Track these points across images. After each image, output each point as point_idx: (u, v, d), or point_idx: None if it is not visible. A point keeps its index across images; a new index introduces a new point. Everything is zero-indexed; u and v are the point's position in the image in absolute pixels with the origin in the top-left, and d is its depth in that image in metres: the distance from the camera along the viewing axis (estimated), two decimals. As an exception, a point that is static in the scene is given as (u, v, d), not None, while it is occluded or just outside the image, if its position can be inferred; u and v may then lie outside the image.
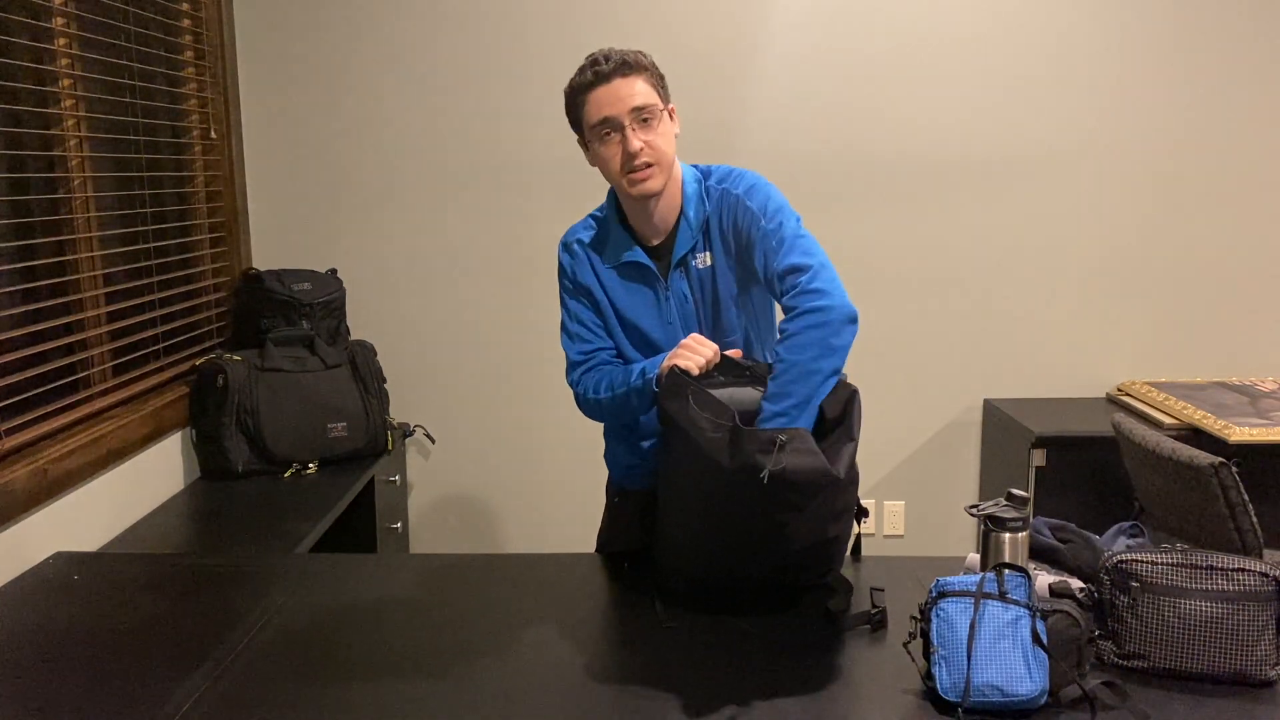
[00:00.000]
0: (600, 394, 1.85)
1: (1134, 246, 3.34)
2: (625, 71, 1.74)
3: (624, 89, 1.73)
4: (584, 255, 1.90)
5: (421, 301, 3.40)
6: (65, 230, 2.48)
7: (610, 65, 1.74)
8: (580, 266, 1.90)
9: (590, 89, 1.75)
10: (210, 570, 1.95)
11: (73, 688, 1.51)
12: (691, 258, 1.85)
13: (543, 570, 1.91)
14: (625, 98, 1.73)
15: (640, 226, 1.87)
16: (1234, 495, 2.22)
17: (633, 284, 1.88)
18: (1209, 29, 3.21)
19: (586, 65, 1.76)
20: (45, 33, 2.40)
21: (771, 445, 1.50)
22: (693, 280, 1.85)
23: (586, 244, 1.91)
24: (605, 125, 1.75)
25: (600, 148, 1.78)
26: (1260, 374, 3.38)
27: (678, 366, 1.69)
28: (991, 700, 1.36)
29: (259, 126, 3.31)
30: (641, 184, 1.77)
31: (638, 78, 1.75)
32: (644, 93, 1.75)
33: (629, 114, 1.73)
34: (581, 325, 1.90)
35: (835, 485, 1.54)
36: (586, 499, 3.50)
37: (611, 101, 1.73)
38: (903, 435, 3.47)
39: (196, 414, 2.86)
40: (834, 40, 3.23)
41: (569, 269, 1.91)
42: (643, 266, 1.86)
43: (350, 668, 1.54)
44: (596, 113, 1.75)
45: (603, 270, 1.89)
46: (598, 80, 1.74)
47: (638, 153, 1.74)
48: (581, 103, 1.77)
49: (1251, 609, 1.43)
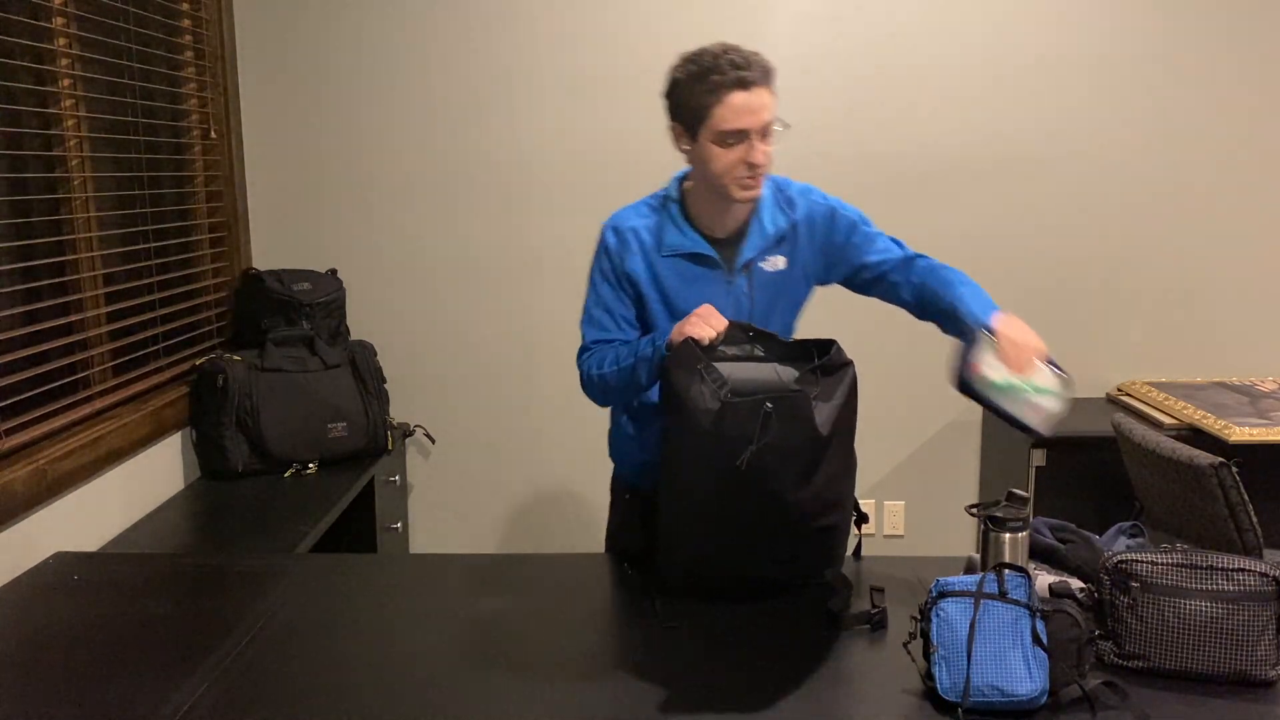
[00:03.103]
0: (604, 369, 1.83)
1: (1134, 247, 3.34)
2: (766, 81, 1.71)
3: (761, 99, 1.71)
4: (635, 243, 1.86)
5: (421, 301, 3.40)
6: (65, 230, 2.48)
7: (755, 72, 1.69)
8: (629, 254, 1.86)
9: (730, 91, 1.69)
10: (210, 570, 1.95)
11: (73, 688, 1.51)
12: (760, 259, 1.85)
13: (542, 570, 1.91)
14: (760, 109, 1.71)
15: (709, 219, 1.85)
16: (1234, 495, 2.21)
17: (692, 274, 1.85)
18: (1210, 30, 3.21)
19: (726, 64, 1.69)
20: (45, 33, 2.40)
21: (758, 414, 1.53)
22: (755, 281, 1.86)
23: (640, 231, 1.87)
24: (736, 135, 1.72)
25: (716, 148, 1.73)
26: (1260, 374, 3.38)
27: (691, 337, 1.67)
28: (991, 700, 1.36)
29: (259, 126, 3.31)
30: (751, 191, 1.77)
31: (769, 87, 1.72)
32: (773, 105, 1.73)
33: (760, 127, 1.72)
34: (606, 313, 1.88)
35: (823, 444, 1.58)
36: (587, 499, 3.51)
37: (750, 111, 1.70)
38: (903, 435, 3.47)
39: (196, 414, 2.86)
40: (833, 40, 3.22)
41: (615, 254, 1.87)
42: (706, 258, 1.84)
43: (350, 668, 1.54)
44: (732, 119, 1.70)
45: (658, 259, 1.85)
46: (741, 85, 1.69)
47: (760, 165, 1.74)
48: (712, 101, 1.70)
49: (1251, 609, 1.43)
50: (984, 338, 1.67)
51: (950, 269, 1.88)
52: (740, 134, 1.71)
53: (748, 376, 1.66)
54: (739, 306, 1.86)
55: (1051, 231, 3.33)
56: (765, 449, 1.53)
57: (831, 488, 1.64)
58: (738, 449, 1.53)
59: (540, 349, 3.40)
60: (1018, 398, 1.64)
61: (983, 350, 1.66)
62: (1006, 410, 1.64)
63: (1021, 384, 1.64)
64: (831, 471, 1.62)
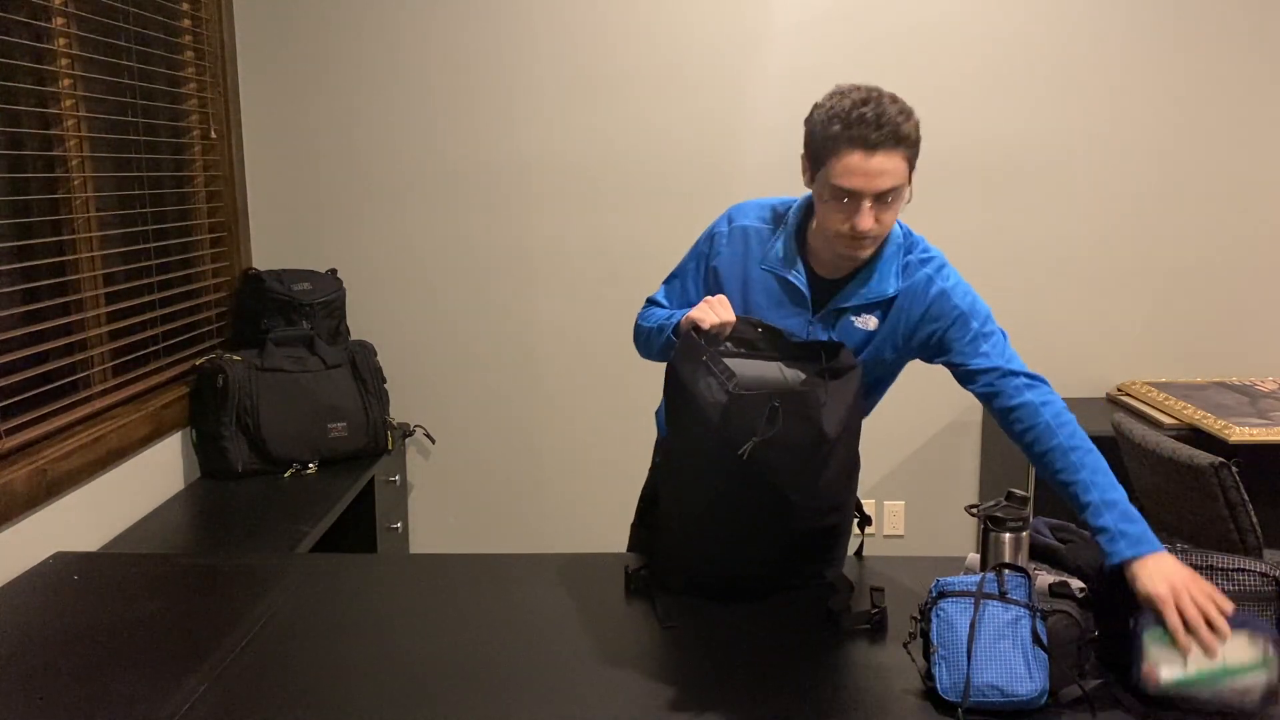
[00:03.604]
0: (646, 322, 1.85)
1: (1134, 246, 3.34)
2: (892, 146, 1.57)
3: (883, 165, 1.58)
4: (742, 243, 1.80)
5: (421, 301, 3.40)
6: (65, 230, 2.48)
7: (883, 134, 1.56)
8: (734, 251, 1.80)
9: (851, 147, 1.57)
10: (210, 570, 1.95)
11: (73, 687, 1.51)
12: (853, 314, 1.75)
13: (542, 570, 1.90)
14: (878, 175, 1.58)
15: (818, 255, 1.76)
16: (1234, 495, 2.21)
17: (778, 298, 1.77)
18: (1211, 29, 3.21)
19: (856, 116, 1.57)
20: (45, 33, 2.40)
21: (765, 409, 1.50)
22: (839, 332, 1.76)
23: (750, 233, 1.80)
24: (845, 194, 1.60)
25: (830, 202, 1.63)
26: (1260, 374, 3.38)
27: (694, 320, 1.65)
28: (991, 700, 1.36)
29: (259, 126, 3.31)
30: (854, 254, 1.68)
31: (900, 154, 1.59)
32: (898, 173, 1.59)
33: (874, 194, 1.60)
34: (682, 286, 1.87)
35: (829, 445, 1.55)
36: (587, 499, 3.51)
37: (865, 176, 1.58)
38: (903, 435, 3.47)
39: (196, 414, 2.86)
40: (835, 40, 3.23)
41: (721, 243, 1.82)
42: (798, 291, 1.76)
43: (350, 668, 1.54)
44: (845, 179, 1.59)
45: (754, 267, 1.79)
46: (863, 145, 1.57)
47: (867, 232, 1.62)
48: (831, 150, 1.59)
49: (1251, 609, 1.43)
50: (1148, 636, 1.40)
51: (1063, 426, 1.62)
52: (852, 194, 1.60)
53: (755, 374, 1.64)
54: None
55: (1051, 231, 3.33)
56: (770, 446, 1.52)
57: (834, 488, 1.64)
58: (742, 443, 1.52)
59: (540, 349, 3.40)
60: (1217, 685, 1.37)
61: (1150, 649, 1.40)
62: (1209, 702, 1.38)
63: (1214, 672, 1.37)
64: (835, 473, 1.62)
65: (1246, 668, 1.36)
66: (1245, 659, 1.36)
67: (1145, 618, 1.41)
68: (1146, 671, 1.39)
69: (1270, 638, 1.37)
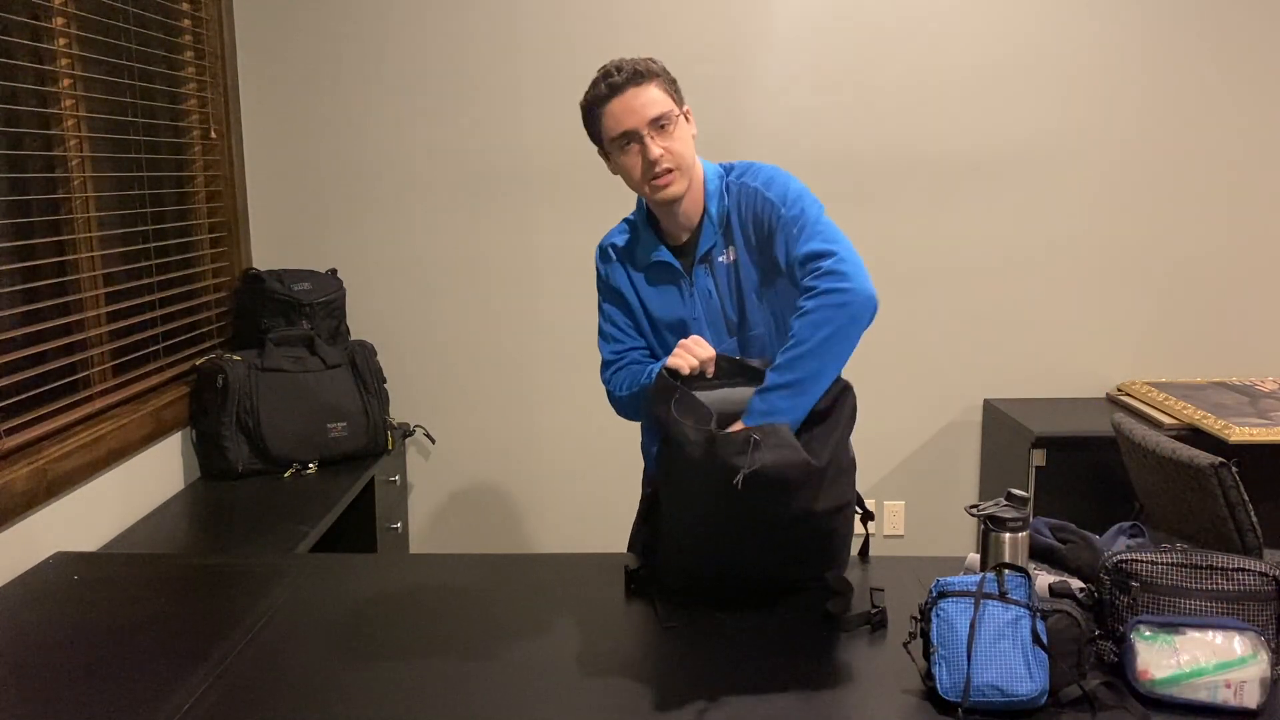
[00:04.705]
0: (623, 392, 1.91)
1: (1134, 246, 3.34)
2: (638, 81, 1.76)
3: (639, 99, 1.76)
4: (617, 259, 1.95)
5: (421, 301, 3.40)
6: (65, 230, 2.48)
7: (622, 76, 1.76)
8: (614, 271, 1.95)
9: (606, 102, 1.78)
10: (210, 570, 1.95)
11: (73, 688, 1.51)
12: (716, 253, 1.87)
13: (542, 570, 1.91)
14: (640, 108, 1.76)
15: (668, 227, 1.91)
16: (1234, 495, 2.21)
17: (661, 284, 1.91)
18: (1211, 28, 3.21)
19: (599, 78, 1.79)
20: (45, 33, 2.40)
21: (746, 445, 1.52)
22: (717, 275, 1.87)
23: (620, 248, 1.95)
24: (625, 138, 1.78)
25: (622, 158, 1.81)
26: (1260, 374, 3.38)
27: (666, 367, 1.70)
28: (991, 700, 1.36)
29: (259, 126, 3.31)
30: (664, 189, 1.80)
31: (651, 85, 1.77)
32: (658, 100, 1.77)
33: (647, 124, 1.76)
34: (614, 326, 1.95)
35: (818, 475, 1.56)
36: (587, 499, 3.51)
37: (628, 113, 1.76)
38: (903, 435, 3.47)
39: (196, 414, 2.86)
40: (834, 39, 3.23)
41: (603, 273, 1.97)
42: (668, 265, 1.89)
43: (350, 668, 1.54)
44: (615, 126, 1.78)
45: (634, 273, 1.93)
46: (612, 93, 1.77)
47: (658, 160, 1.77)
48: (599, 116, 1.80)
49: (1251, 609, 1.43)
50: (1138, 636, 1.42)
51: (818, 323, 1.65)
52: (629, 136, 1.77)
53: (730, 405, 1.67)
54: (708, 304, 1.87)
55: (1051, 231, 3.33)
56: (758, 476, 1.52)
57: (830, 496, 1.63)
58: (728, 477, 1.52)
59: (540, 348, 3.40)
60: (1210, 682, 1.38)
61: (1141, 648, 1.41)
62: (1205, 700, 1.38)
63: (1206, 669, 1.38)
64: (829, 485, 1.62)
65: (1237, 663, 1.38)
66: (1236, 655, 1.38)
67: (1136, 619, 1.43)
68: (1140, 671, 1.41)
69: (1260, 634, 1.39)
